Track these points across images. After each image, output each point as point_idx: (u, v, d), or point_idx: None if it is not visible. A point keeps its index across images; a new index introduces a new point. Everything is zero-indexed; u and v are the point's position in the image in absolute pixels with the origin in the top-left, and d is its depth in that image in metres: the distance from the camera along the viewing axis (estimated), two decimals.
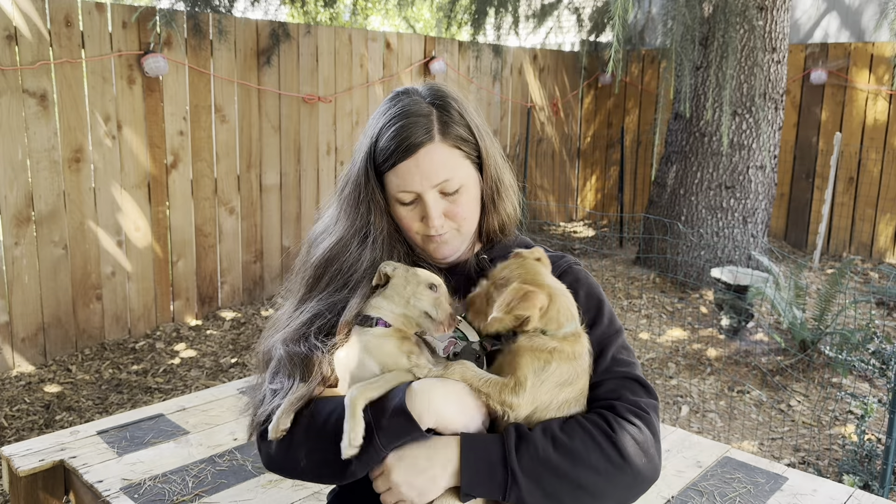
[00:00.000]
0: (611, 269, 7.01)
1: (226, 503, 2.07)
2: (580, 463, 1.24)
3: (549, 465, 1.23)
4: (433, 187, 1.37)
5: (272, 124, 5.95)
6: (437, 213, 1.38)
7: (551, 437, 1.25)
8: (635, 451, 1.27)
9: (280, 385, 1.40)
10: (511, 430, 1.26)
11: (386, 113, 1.40)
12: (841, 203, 7.69)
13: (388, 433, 1.23)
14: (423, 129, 1.36)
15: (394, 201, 1.40)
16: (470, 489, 1.23)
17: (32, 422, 4.02)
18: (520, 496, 1.22)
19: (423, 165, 1.35)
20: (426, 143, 1.35)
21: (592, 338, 1.39)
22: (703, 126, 6.47)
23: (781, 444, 4.00)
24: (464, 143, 1.40)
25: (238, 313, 5.77)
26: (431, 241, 1.42)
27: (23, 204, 4.59)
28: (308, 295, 1.46)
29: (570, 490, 1.24)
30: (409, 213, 1.40)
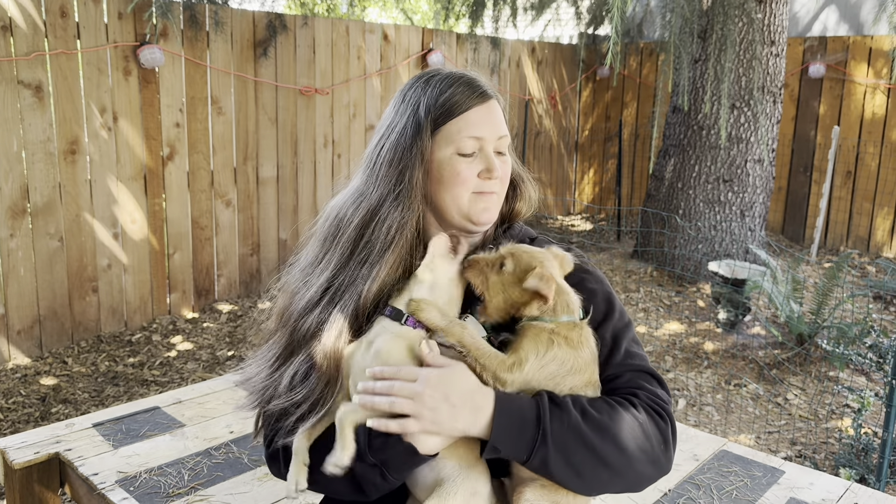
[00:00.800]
0: (608, 263, 7.01)
1: (222, 496, 2.06)
2: (608, 438, 1.23)
3: (579, 434, 1.21)
4: (497, 139, 1.40)
5: (269, 116, 5.93)
6: (497, 163, 1.39)
7: (581, 408, 1.24)
8: (657, 440, 1.27)
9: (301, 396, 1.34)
10: (544, 394, 1.24)
11: (433, 79, 1.40)
12: (838, 197, 7.69)
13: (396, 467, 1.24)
14: (486, 88, 1.41)
15: (451, 154, 1.35)
16: (498, 442, 1.20)
17: (28, 414, 4.01)
18: (545, 459, 1.20)
19: (494, 114, 1.39)
20: (493, 98, 1.41)
21: (606, 331, 1.38)
22: (701, 119, 6.46)
23: (778, 437, 4.00)
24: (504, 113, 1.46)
25: (235, 306, 5.75)
26: (482, 200, 1.38)
27: (18, 196, 4.57)
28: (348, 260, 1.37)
29: (593, 464, 1.23)
30: (468, 165, 1.36)
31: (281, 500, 2.06)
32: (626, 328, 1.42)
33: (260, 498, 2.06)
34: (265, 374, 1.40)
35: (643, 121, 9.12)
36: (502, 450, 1.21)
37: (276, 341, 1.42)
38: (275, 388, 1.36)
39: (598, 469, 1.23)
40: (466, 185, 1.37)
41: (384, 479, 1.24)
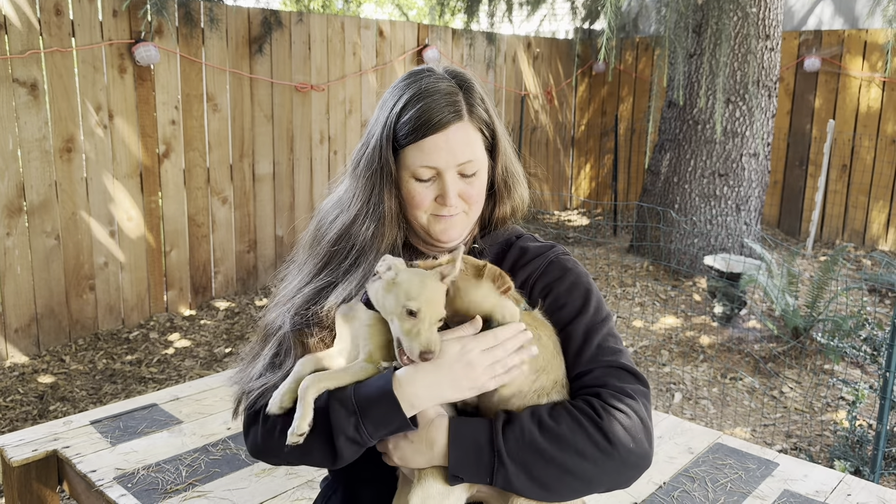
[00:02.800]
0: (604, 258, 7.02)
1: (219, 492, 2.07)
2: (567, 448, 1.23)
3: (535, 449, 1.23)
4: (457, 165, 1.37)
5: (265, 113, 5.92)
6: (454, 192, 1.37)
7: (538, 421, 1.25)
8: (623, 436, 1.26)
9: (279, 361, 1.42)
10: (500, 413, 1.27)
11: (410, 87, 1.38)
12: (834, 190, 7.71)
13: (374, 422, 1.24)
14: (453, 107, 1.36)
15: (408, 177, 1.38)
16: (457, 470, 1.23)
17: (26, 412, 4.01)
18: (507, 479, 1.22)
19: (452, 142, 1.35)
20: (456, 121, 1.36)
21: (578, 326, 1.38)
22: (696, 114, 6.47)
23: (773, 430, 4.02)
24: (485, 126, 1.41)
25: (232, 303, 5.76)
26: (440, 222, 1.41)
27: (14, 194, 4.57)
28: (321, 270, 1.45)
29: (558, 475, 1.24)
30: (423, 190, 1.38)
31: (279, 495, 2.07)
32: (602, 323, 1.40)
33: (257, 493, 2.07)
34: (245, 363, 1.49)
35: (639, 115, 9.13)
36: (464, 476, 1.24)
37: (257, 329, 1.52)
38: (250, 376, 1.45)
39: (564, 479, 1.24)
40: (423, 209, 1.40)
41: (357, 430, 1.25)
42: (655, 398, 4.39)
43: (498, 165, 1.45)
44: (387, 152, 1.37)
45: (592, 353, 1.36)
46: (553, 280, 1.43)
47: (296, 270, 1.53)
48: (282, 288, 1.53)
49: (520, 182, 1.51)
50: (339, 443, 1.26)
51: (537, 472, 1.23)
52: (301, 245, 1.55)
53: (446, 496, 1.28)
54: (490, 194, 1.48)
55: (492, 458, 1.22)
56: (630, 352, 5.00)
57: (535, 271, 1.45)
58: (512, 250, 1.50)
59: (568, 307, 1.40)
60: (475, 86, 1.42)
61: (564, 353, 1.36)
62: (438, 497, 1.28)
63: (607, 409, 1.28)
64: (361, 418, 1.25)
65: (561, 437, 1.24)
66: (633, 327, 5.46)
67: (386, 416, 1.24)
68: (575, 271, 1.46)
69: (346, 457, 1.29)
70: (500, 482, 1.23)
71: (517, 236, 1.54)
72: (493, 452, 1.22)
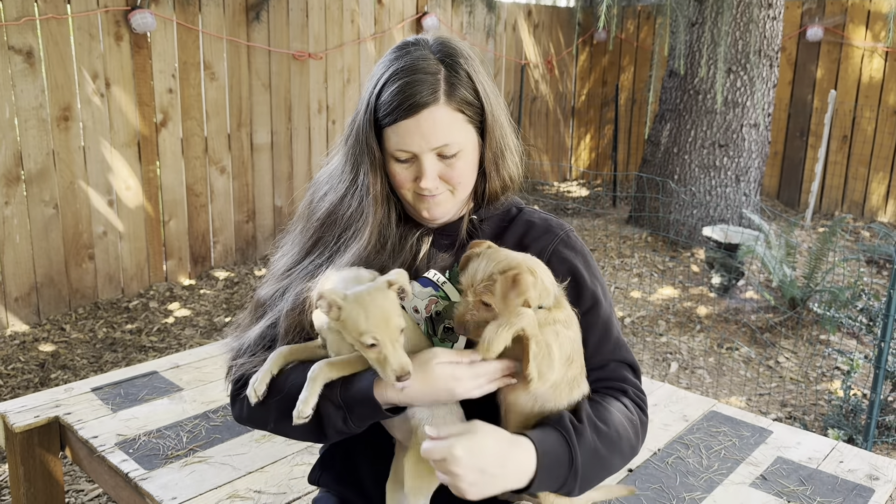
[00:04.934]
0: (603, 229, 7.02)
1: (220, 457, 2.10)
2: (615, 450, 1.33)
3: (597, 458, 1.30)
4: (431, 150, 1.34)
5: (262, 82, 5.88)
6: (432, 174, 1.36)
7: (594, 427, 1.31)
8: (641, 433, 1.40)
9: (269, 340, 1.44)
10: (569, 426, 1.28)
11: (392, 65, 1.36)
12: (834, 161, 7.69)
13: (359, 417, 1.29)
14: (428, 89, 1.32)
15: (389, 157, 1.38)
16: (536, 489, 1.26)
17: (28, 380, 4.05)
18: (570, 490, 1.29)
19: (424, 127, 1.32)
20: (429, 105, 1.32)
21: (598, 317, 1.42)
22: (697, 84, 6.43)
23: (769, 399, 4.06)
24: (468, 106, 1.37)
25: (231, 273, 5.77)
26: (423, 201, 1.41)
27: (12, 163, 4.56)
28: (311, 249, 1.47)
29: (600, 474, 1.34)
30: (403, 170, 1.38)
31: (279, 461, 2.10)
32: (613, 312, 1.48)
33: (258, 459, 2.09)
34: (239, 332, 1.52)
35: (640, 85, 9.06)
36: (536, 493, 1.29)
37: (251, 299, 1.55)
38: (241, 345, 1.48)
39: (600, 477, 1.35)
40: (406, 187, 1.40)
41: (345, 423, 1.30)
42: (651, 368, 4.43)
43: (488, 143, 1.42)
44: (369, 133, 1.37)
45: (611, 347, 1.43)
46: (567, 259, 1.44)
47: (290, 243, 1.54)
48: (276, 260, 1.55)
49: (512, 157, 1.48)
50: (328, 430, 1.31)
51: (589, 475, 1.31)
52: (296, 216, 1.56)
53: None
54: (481, 170, 1.46)
55: (566, 475, 1.26)
56: (626, 322, 5.04)
57: (546, 248, 1.44)
58: (516, 224, 1.49)
59: (586, 294, 1.43)
60: (462, 62, 1.37)
61: (584, 342, 1.39)
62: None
63: (636, 411, 1.40)
64: (348, 413, 1.29)
65: (612, 441, 1.32)
66: (630, 298, 5.48)
67: (371, 414, 1.29)
68: (584, 253, 1.48)
69: (332, 440, 1.36)
70: (561, 493, 1.29)
71: (518, 209, 1.54)
72: (571, 470, 1.27)
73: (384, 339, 1.19)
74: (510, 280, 1.23)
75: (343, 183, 1.44)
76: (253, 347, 1.45)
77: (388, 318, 1.20)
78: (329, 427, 1.31)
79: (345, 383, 1.29)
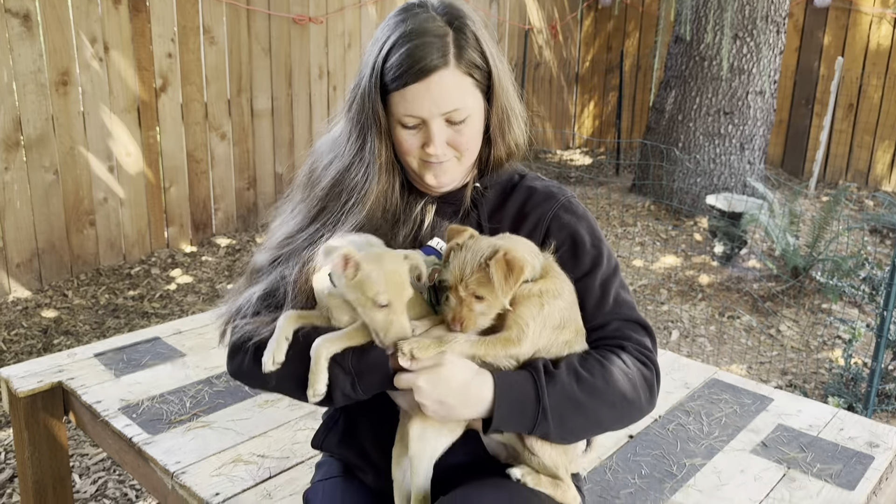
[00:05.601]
0: (606, 197, 6.99)
1: (223, 422, 2.11)
2: (600, 399, 1.30)
3: (574, 402, 1.28)
4: (441, 115, 1.32)
5: (262, 46, 5.81)
6: (440, 140, 1.34)
7: (575, 374, 1.29)
8: (643, 388, 1.35)
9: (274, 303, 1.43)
10: (539, 367, 1.28)
11: (398, 27, 1.33)
12: (839, 130, 7.62)
13: (368, 384, 1.30)
14: (437, 52, 1.29)
15: (396, 123, 1.35)
16: (500, 424, 1.27)
17: (31, 346, 4.06)
18: (545, 431, 1.27)
19: (434, 92, 1.30)
20: (440, 68, 1.30)
21: (595, 280, 1.41)
22: (703, 50, 6.34)
23: (769, 367, 4.08)
24: (477, 70, 1.34)
25: (233, 240, 5.77)
26: (429, 168, 1.39)
27: (11, 128, 4.52)
28: (316, 217, 1.45)
29: (586, 423, 1.31)
30: (410, 136, 1.35)
31: (282, 425, 2.11)
32: (614, 274, 1.44)
33: (261, 424, 2.11)
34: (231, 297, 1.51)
35: (645, 51, 8.95)
36: (505, 430, 1.29)
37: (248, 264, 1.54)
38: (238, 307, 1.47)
39: (589, 427, 1.33)
40: (412, 154, 1.38)
41: (353, 389, 1.30)
42: None
43: (494, 108, 1.40)
44: (375, 99, 1.34)
45: (610, 306, 1.40)
46: (567, 225, 1.43)
47: (289, 211, 1.53)
48: (275, 228, 1.53)
49: (518, 122, 1.46)
50: (335, 394, 1.31)
51: (571, 422, 1.29)
52: (296, 184, 1.54)
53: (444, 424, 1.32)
54: (486, 137, 1.44)
55: (536, 413, 1.26)
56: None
57: (546, 214, 1.43)
58: (518, 190, 1.48)
59: (584, 258, 1.41)
60: (469, 24, 1.35)
61: (582, 305, 1.39)
62: (437, 426, 1.31)
63: (634, 362, 1.35)
64: (357, 380, 1.30)
65: (595, 388, 1.29)
66: (632, 266, 5.47)
67: (380, 383, 1.29)
68: (586, 217, 1.47)
69: (337, 405, 1.35)
70: (538, 434, 1.29)
71: (521, 175, 1.52)
72: (539, 408, 1.26)
73: (397, 302, 1.21)
74: (504, 265, 1.22)
75: (349, 151, 1.41)
76: (254, 309, 1.44)
77: (404, 284, 1.23)
78: (336, 391, 1.31)
79: (357, 351, 1.30)
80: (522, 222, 1.44)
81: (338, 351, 1.30)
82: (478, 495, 1.26)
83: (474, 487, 1.30)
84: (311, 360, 1.29)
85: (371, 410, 1.47)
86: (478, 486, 1.31)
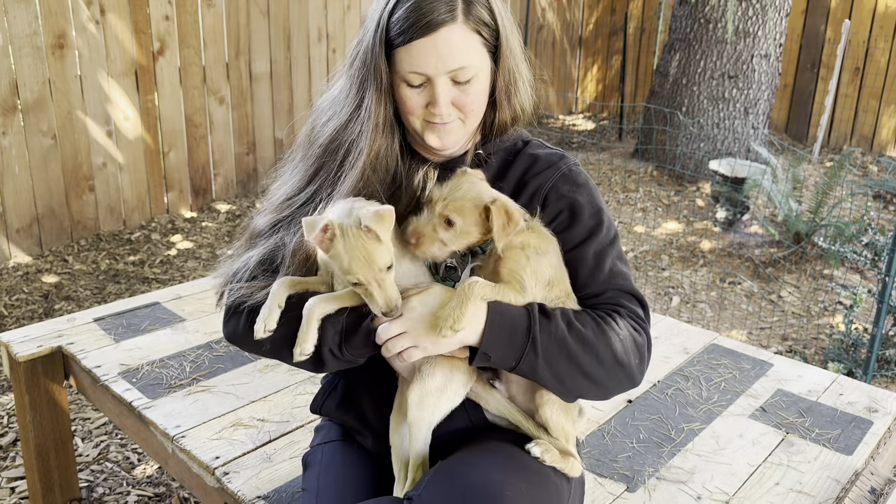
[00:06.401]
0: (608, 163, 6.94)
1: (223, 386, 2.12)
2: (589, 350, 1.29)
3: (563, 345, 1.27)
4: (447, 72, 1.29)
5: (260, 9, 5.72)
6: (445, 100, 1.31)
7: (567, 320, 1.29)
8: (634, 353, 1.34)
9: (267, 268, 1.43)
10: (535, 305, 1.28)
11: None
12: (845, 94, 7.53)
13: (354, 349, 1.30)
14: (445, 6, 1.26)
15: (399, 81, 1.32)
16: (488, 349, 1.25)
17: (32, 311, 4.07)
18: (532, 365, 1.26)
19: (441, 47, 1.26)
20: (448, 23, 1.26)
21: (589, 248, 1.39)
22: (708, 12, 6.24)
23: (770, 333, 4.08)
24: (485, 27, 1.31)
25: (233, 206, 5.75)
26: (433, 129, 1.36)
27: (7, 92, 4.47)
28: (313, 177, 1.43)
29: (573, 374, 1.30)
30: (414, 95, 1.32)
31: (281, 390, 2.12)
32: (612, 244, 1.42)
33: (261, 388, 2.11)
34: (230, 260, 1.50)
35: (649, 14, 8.81)
36: (492, 357, 1.26)
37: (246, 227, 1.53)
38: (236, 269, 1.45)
39: (577, 378, 1.30)
40: (415, 114, 1.35)
41: (340, 349, 1.30)
42: (653, 302, 4.44)
43: (501, 70, 1.36)
44: (379, 55, 1.31)
45: (605, 276, 1.39)
46: (566, 195, 1.41)
47: (289, 171, 1.51)
48: (275, 189, 1.51)
49: (525, 86, 1.43)
50: (324, 354, 1.31)
51: (559, 367, 1.28)
52: (297, 144, 1.52)
53: (443, 391, 1.32)
54: (491, 100, 1.40)
55: (525, 342, 1.25)
56: (630, 257, 5.02)
57: (547, 181, 1.42)
58: (520, 158, 1.46)
59: (580, 226, 1.40)
60: None
61: (576, 273, 1.38)
62: (436, 393, 1.31)
63: (627, 326, 1.35)
64: (344, 341, 1.30)
65: (586, 340, 1.29)
66: (634, 232, 5.46)
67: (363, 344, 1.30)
68: (587, 187, 1.44)
69: (330, 366, 1.35)
70: (525, 367, 1.27)
71: (524, 142, 1.50)
72: (528, 338, 1.25)
73: (368, 278, 1.21)
74: (504, 213, 1.23)
75: (347, 108, 1.38)
76: (250, 273, 1.43)
77: (374, 258, 1.20)
78: (325, 349, 1.31)
79: (351, 312, 1.30)
80: (522, 191, 1.42)
81: (331, 311, 1.30)
82: (475, 460, 1.26)
83: (472, 452, 1.30)
84: (303, 319, 1.28)
85: (371, 375, 1.47)
86: (475, 450, 1.31)
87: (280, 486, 1.69)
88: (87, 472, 2.75)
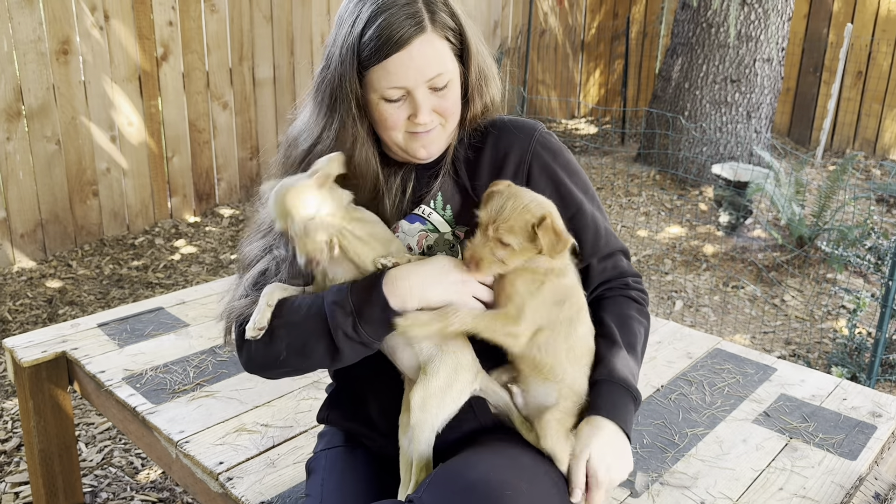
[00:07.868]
0: (611, 167, 6.94)
1: (227, 391, 2.12)
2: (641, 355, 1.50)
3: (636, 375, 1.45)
4: (425, 82, 1.31)
5: (263, 14, 5.74)
6: (426, 108, 1.33)
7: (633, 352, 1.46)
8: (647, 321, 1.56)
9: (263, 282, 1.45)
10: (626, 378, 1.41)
11: (364, 3, 1.31)
12: (847, 98, 7.53)
13: (367, 320, 1.29)
14: (412, 19, 1.28)
15: (378, 99, 1.33)
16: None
17: (36, 316, 4.08)
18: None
19: (417, 59, 1.28)
20: (418, 35, 1.28)
21: (586, 215, 1.45)
22: (710, 16, 6.25)
23: (773, 337, 4.07)
24: (451, 32, 1.33)
25: (236, 210, 5.76)
26: (417, 140, 1.37)
27: (12, 98, 4.49)
28: None
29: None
30: (395, 110, 1.34)
31: (285, 395, 2.12)
32: (594, 204, 1.50)
33: (265, 393, 2.11)
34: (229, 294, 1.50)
35: (652, 18, 8.82)
36: None
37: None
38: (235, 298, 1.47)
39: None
40: (397, 128, 1.36)
41: (355, 330, 1.29)
42: (656, 306, 4.43)
43: (471, 69, 1.39)
44: (351, 76, 1.32)
45: (604, 240, 1.49)
46: (545, 169, 1.45)
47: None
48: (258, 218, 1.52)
49: (493, 80, 1.46)
50: (338, 339, 1.30)
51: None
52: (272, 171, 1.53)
53: (446, 391, 1.32)
54: (464, 99, 1.43)
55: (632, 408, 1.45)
56: (633, 261, 5.02)
57: (525, 155, 1.44)
58: (488, 136, 1.48)
59: (570, 202, 1.45)
60: None
61: (580, 240, 1.43)
62: (439, 394, 1.32)
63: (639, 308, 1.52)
64: (357, 318, 1.29)
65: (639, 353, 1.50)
66: (636, 237, 5.45)
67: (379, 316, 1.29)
68: (562, 153, 1.50)
69: (347, 354, 1.33)
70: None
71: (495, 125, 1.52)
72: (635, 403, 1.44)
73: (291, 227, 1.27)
74: (552, 233, 1.25)
75: (317, 126, 1.41)
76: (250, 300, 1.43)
77: (297, 208, 1.27)
78: (339, 337, 1.30)
79: (353, 289, 1.31)
80: (504, 164, 1.44)
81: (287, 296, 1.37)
82: (476, 461, 1.26)
83: (473, 453, 1.31)
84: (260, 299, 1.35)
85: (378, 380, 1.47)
86: (477, 451, 1.31)
87: (284, 492, 1.70)
88: (91, 478, 2.76)
